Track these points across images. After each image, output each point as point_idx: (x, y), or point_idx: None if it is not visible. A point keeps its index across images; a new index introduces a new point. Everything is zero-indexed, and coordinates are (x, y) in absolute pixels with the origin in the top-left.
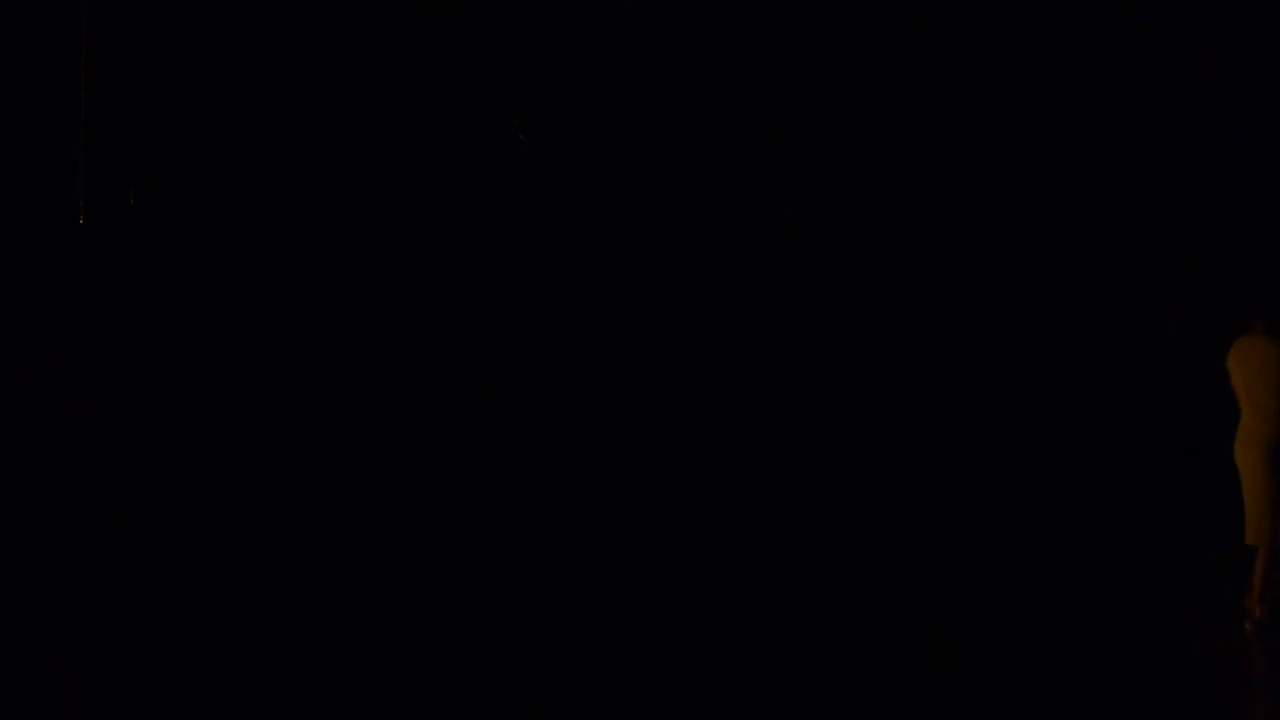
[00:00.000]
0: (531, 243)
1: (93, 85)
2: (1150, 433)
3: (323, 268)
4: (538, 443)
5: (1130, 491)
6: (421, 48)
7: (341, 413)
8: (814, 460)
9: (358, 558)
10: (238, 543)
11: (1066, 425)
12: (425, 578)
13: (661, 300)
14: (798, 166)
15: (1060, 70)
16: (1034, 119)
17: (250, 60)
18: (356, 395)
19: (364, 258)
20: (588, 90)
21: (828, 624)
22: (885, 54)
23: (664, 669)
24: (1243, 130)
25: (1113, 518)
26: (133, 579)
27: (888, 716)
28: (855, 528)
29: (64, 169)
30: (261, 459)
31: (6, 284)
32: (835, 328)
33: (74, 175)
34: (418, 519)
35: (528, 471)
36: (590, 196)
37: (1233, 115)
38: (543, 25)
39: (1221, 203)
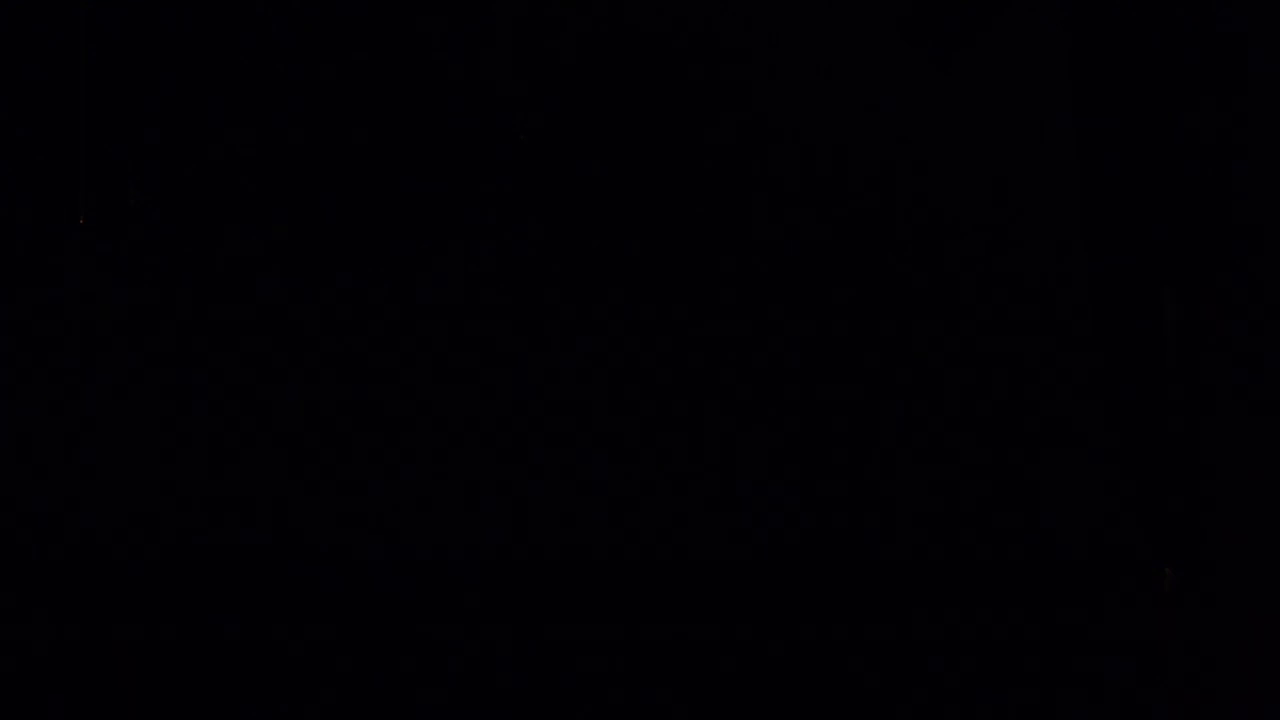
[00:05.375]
0: (531, 241)
1: (93, 85)
2: (1150, 433)
3: (322, 265)
4: (538, 442)
5: (1130, 491)
6: (421, 46)
7: (341, 412)
8: (813, 459)
9: (357, 557)
10: (238, 542)
11: (1066, 424)
12: (423, 577)
13: (663, 299)
14: (796, 165)
15: (1060, 70)
16: (1034, 119)
17: (250, 59)
18: (355, 394)
19: (364, 256)
20: (587, 91)
21: (824, 624)
22: (883, 53)
23: (665, 670)
24: (1243, 130)
25: (1113, 518)
26: (132, 579)
27: (888, 717)
28: (855, 526)
29: (64, 169)
30: (261, 458)
31: (6, 284)
32: (834, 326)
33: (74, 175)
34: (417, 518)
35: (528, 470)
36: (589, 195)
37: (1233, 115)
38: (543, 28)
39: (1221, 203)
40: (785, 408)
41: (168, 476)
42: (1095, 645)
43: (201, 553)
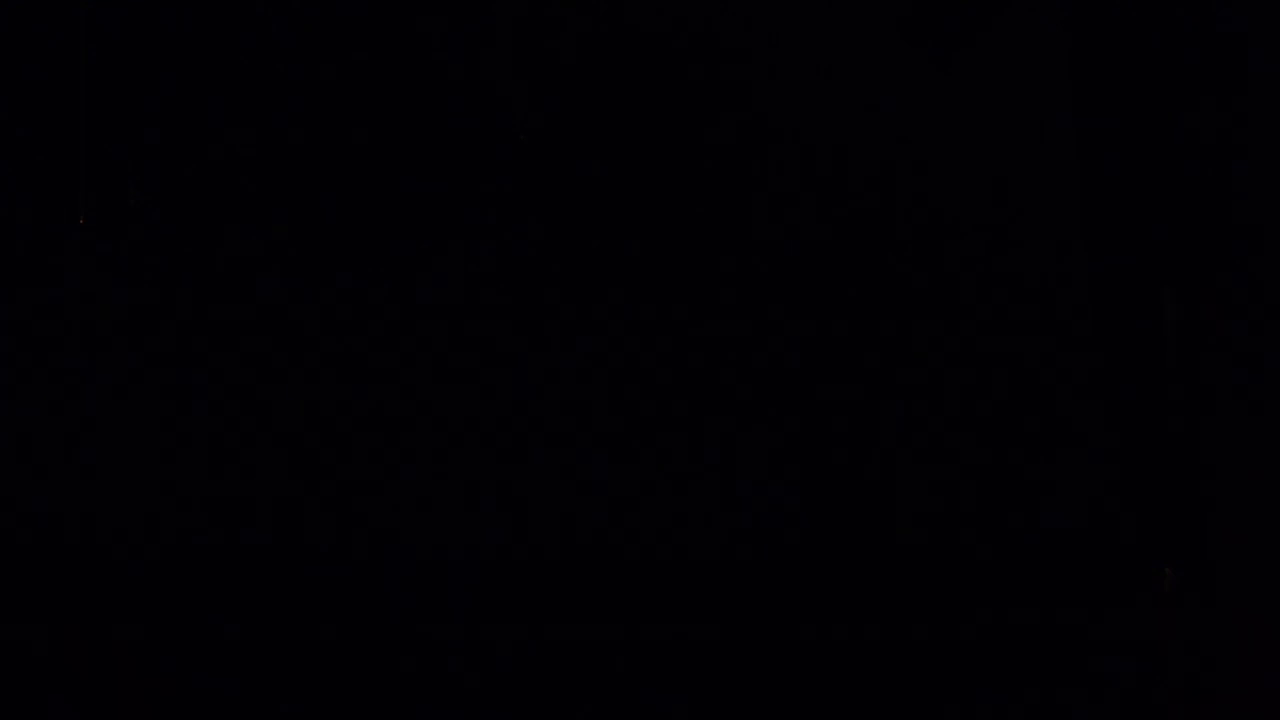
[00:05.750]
0: (531, 241)
1: (93, 85)
2: (1150, 433)
3: (322, 265)
4: (538, 442)
5: (1130, 491)
6: (421, 46)
7: (341, 412)
8: (813, 459)
9: (357, 557)
10: (238, 542)
11: (1066, 424)
12: (423, 577)
13: (663, 299)
14: (796, 165)
15: (1060, 70)
16: (1034, 119)
17: (250, 59)
18: (355, 394)
19: (364, 256)
20: (587, 91)
21: (824, 624)
22: (883, 53)
23: (665, 670)
24: (1243, 130)
25: (1113, 518)
26: (132, 579)
27: (888, 717)
28: (854, 527)
29: (64, 169)
30: (261, 458)
31: (6, 285)
32: (834, 326)
33: (74, 175)
34: (417, 518)
35: (528, 470)
36: (589, 195)
37: (1233, 115)
38: (544, 33)
39: (1221, 202)
40: (785, 408)
41: (168, 476)
42: (1095, 645)
43: (201, 553)
